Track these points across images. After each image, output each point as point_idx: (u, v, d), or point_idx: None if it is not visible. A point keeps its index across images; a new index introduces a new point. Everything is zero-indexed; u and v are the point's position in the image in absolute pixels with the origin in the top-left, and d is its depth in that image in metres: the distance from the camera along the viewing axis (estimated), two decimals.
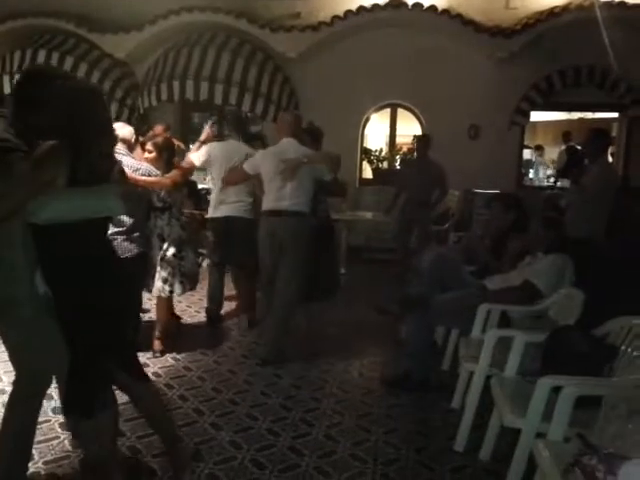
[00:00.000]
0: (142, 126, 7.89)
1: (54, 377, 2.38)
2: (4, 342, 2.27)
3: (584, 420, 2.07)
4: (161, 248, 3.92)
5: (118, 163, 2.47)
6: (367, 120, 8.37)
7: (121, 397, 2.42)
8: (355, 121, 8.07)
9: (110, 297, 2.12)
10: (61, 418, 2.96)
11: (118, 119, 7.82)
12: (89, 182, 2.03)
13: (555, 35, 7.20)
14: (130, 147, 3.84)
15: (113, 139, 2.40)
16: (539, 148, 10.79)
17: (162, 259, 3.91)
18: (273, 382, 3.67)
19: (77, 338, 2.09)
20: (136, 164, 3.72)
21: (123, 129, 3.75)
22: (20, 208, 1.95)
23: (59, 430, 2.91)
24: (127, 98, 8.06)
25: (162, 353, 4.01)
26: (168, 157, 4.02)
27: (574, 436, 1.93)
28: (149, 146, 4.00)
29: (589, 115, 9.70)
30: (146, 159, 3.93)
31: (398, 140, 8.95)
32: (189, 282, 4.08)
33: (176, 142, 6.25)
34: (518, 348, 2.69)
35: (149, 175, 3.77)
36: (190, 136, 7.72)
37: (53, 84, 2.12)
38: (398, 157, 9.15)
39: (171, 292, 3.97)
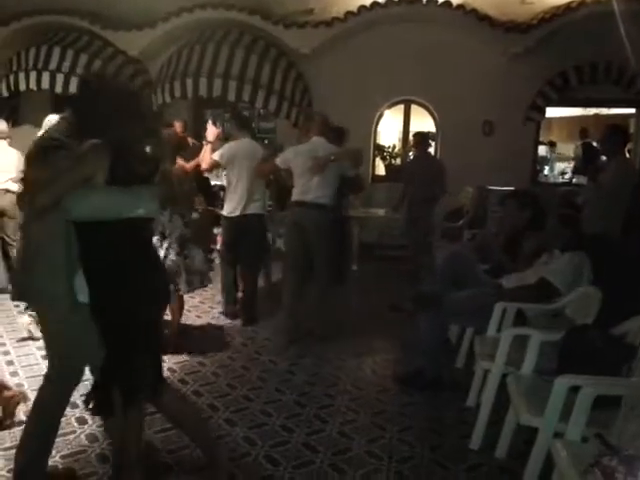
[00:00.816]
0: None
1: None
2: (42, 333, 2.39)
3: (602, 420, 2.05)
4: (161, 246, 3.78)
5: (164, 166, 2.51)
6: (380, 116, 8.34)
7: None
8: (368, 117, 8.04)
9: (140, 301, 2.13)
10: (78, 412, 3.00)
11: None
12: (127, 182, 2.06)
13: (571, 30, 7.10)
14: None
15: (159, 142, 2.44)
16: (552, 144, 10.69)
17: (165, 258, 3.75)
18: (287, 379, 3.69)
19: (108, 338, 2.12)
20: None
21: None
22: (56, 200, 2.00)
23: (75, 424, 2.94)
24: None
25: (175, 352, 3.95)
26: (172, 154, 4.04)
27: (593, 436, 1.91)
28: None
29: (605, 111, 9.58)
30: None
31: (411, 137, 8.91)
32: (198, 280, 4.01)
33: (190, 139, 6.30)
34: (534, 346, 2.67)
35: None
36: (204, 132, 7.73)
37: (99, 86, 2.23)
38: (411, 154, 9.11)
39: (177, 290, 3.87)
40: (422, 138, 6.73)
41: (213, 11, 7.75)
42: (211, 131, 4.67)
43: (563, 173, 10.15)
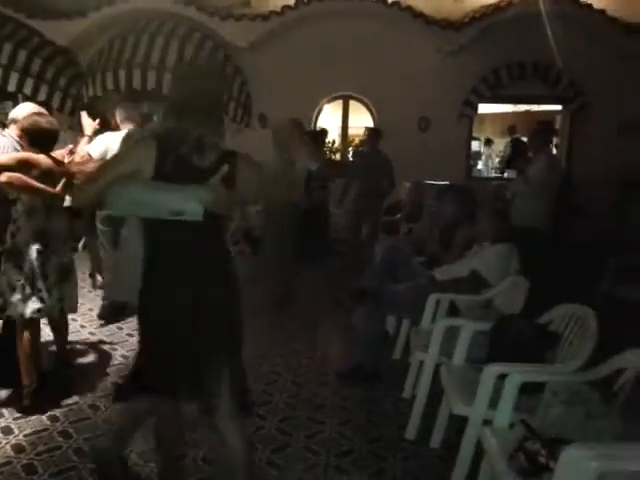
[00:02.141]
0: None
1: None
2: None
3: (531, 406, 2.12)
4: None
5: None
6: (320, 111, 8.35)
7: None
8: (307, 112, 8.01)
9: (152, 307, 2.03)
10: (3, 422, 2.84)
11: (62, 109, 7.54)
12: (176, 179, 1.88)
13: (501, 29, 7.34)
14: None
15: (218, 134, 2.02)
16: (489, 142, 11.06)
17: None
18: None
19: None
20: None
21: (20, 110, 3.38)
22: (98, 194, 1.93)
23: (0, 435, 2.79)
24: (71, 87, 7.74)
25: None
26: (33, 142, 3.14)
27: (518, 422, 1.98)
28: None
29: (535, 107, 9.98)
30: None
31: (351, 132, 8.98)
32: None
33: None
34: (465, 337, 2.74)
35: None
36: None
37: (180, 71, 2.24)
38: (351, 149, 9.18)
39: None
40: (375, 133, 6.77)
41: (148, 1, 7.52)
42: (88, 123, 3.82)
43: (496, 168, 10.52)
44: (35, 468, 2.54)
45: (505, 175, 9.05)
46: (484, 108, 8.86)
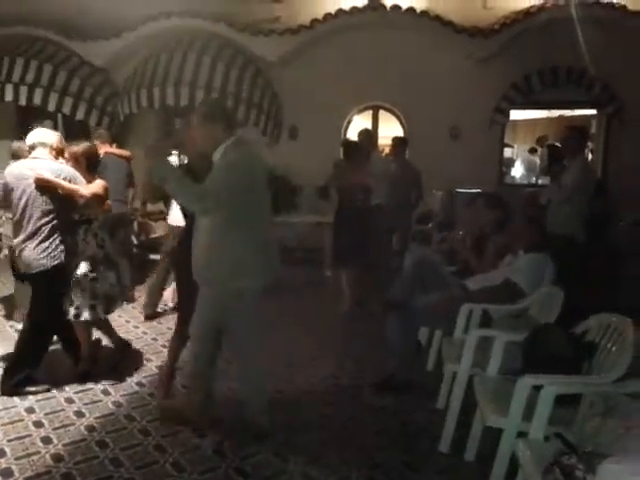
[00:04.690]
0: (123, 133, 7.86)
1: None
2: None
3: (566, 418, 2.08)
4: (75, 266, 3.59)
5: None
6: (349, 122, 8.37)
7: None
8: (337, 124, 8.06)
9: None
10: None
11: (99, 126, 7.76)
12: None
13: (533, 34, 7.25)
14: (59, 153, 3.61)
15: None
16: (534, 150, 10.48)
17: (73, 278, 3.58)
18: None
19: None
20: (57, 167, 3.48)
21: (45, 134, 3.59)
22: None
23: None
24: (107, 105, 7.97)
25: (83, 378, 3.67)
26: (88, 166, 3.70)
27: (553, 435, 1.93)
28: (66, 154, 3.67)
29: (568, 113, 9.78)
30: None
31: (381, 142, 8.93)
32: (103, 306, 3.67)
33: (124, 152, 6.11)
34: (499, 348, 2.70)
35: (70, 181, 3.48)
36: None
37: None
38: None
39: (77, 317, 3.56)
40: (401, 142, 6.74)
41: (178, 19, 7.70)
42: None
43: (530, 175, 10.27)
44: (73, 477, 2.61)
45: (539, 182, 8.87)
46: (516, 115, 8.73)
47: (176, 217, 4.19)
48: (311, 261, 7.06)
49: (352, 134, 8.60)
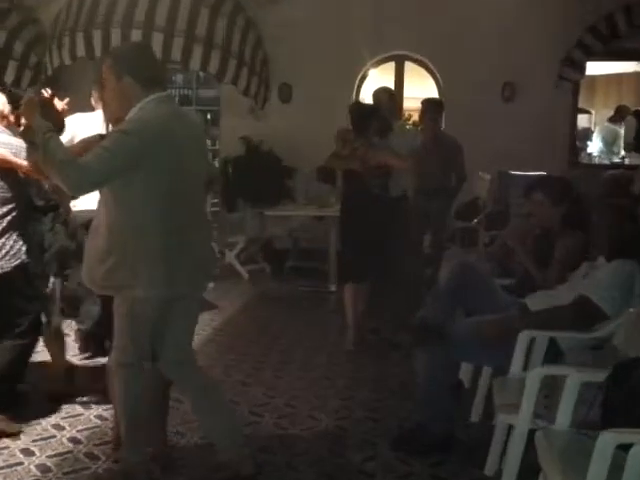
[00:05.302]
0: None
1: None
2: None
3: None
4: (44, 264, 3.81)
5: None
6: (363, 78, 8.40)
7: None
8: (346, 80, 8.09)
9: None
10: None
11: (19, 83, 7.77)
12: None
13: None
14: (3, 119, 3.67)
15: None
16: (621, 118, 10.29)
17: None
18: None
19: None
20: (11, 140, 3.55)
21: None
22: None
23: None
24: (30, 55, 7.99)
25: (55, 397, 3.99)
26: None
27: None
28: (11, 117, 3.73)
29: None
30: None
31: (406, 105, 8.98)
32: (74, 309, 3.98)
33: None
34: (572, 391, 2.70)
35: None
36: None
37: None
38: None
39: (48, 322, 3.85)
40: (435, 106, 6.72)
41: None
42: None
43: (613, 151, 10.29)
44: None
45: (626, 161, 8.90)
46: (594, 68, 8.75)
47: None
48: (309, 270, 7.09)
49: (366, 95, 8.65)
